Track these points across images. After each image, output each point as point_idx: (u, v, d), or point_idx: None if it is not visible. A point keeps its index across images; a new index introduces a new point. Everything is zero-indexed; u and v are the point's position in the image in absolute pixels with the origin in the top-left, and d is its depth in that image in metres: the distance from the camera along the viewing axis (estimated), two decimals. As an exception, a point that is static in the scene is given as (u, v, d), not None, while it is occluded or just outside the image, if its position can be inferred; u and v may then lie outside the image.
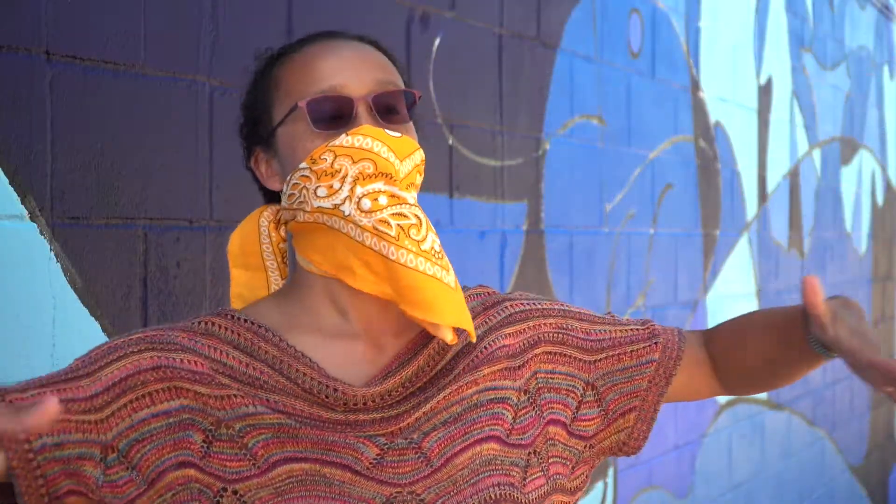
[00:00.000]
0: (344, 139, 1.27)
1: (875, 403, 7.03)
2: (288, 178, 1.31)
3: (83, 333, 1.81)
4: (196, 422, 1.26)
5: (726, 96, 4.62)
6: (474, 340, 1.34)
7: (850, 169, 6.47)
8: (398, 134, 1.29)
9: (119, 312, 1.87)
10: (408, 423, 1.30)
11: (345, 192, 1.27)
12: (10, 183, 1.70)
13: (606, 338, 1.45)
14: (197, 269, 2.01)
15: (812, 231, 5.71)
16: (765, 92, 5.09)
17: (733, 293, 4.69)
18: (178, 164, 1.99)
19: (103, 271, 1.84)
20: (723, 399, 4.54)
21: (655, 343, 1.45)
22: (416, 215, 1.27)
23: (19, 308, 1.71)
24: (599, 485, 3.54)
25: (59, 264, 1.77)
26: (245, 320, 1.32)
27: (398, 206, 1.27)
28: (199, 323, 1.32)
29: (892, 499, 7.43)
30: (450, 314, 1.28)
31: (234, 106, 2.10)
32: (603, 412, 1.42)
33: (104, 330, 1.84)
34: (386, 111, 1.32)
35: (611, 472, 3.62)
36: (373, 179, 1.27)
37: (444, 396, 1.32)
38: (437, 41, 2.77)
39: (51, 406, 1.04)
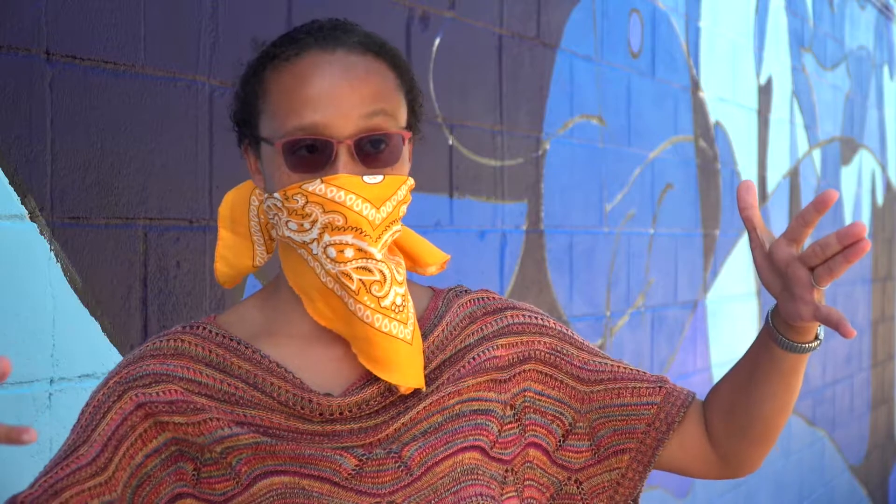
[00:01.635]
0: (318, 187, 1.24)
1: (875, 403, 7.03)
2: (266, 195, 1.30)
3: (83, 333, 1.81)
4: (184, 451, 1.27)
5: (726, 96, 4.62)
6: (423, 389, 1.31)
7: (850, 169, 6.47)
8: (379, 178, 1.26)
9: (119, 312, 1.87)
10: (387, 434, 1.29)
11: (314, 234, 1.25)
12: (10, 183, 1.70)
13: (606, 370, 1.40)
14: (197, 269, 2.01)
15: (812, 231, 5.70)
16: (765, 92, 5.09)
17: (733, 293, 4.69)
18: (178, 164, 1.99)
19: (103, 271, 1.84)
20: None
21: (660, 387, 1.39)
22: (380, 271, 1.25)
23: (19, 308, 1.71)
24: (599, 485, 3.54)
25: (59, 264, 1.77)
26: (217, 334, 1.31)
27: (363, 261, 1.25)
28: (169, 341, 1.31)
29: (892, 499, 7.43)
30: (398, 372, 1.27)
31: (234, 106, 2.10)
32: (594, 447, 1.39)
33: (104, 330, 1.84)
34: (370, 153, 1.27)
35: (611, 472, 3.62)
36: (341, 232, 1.24)
37: (425, 406, 1.31)
38: (437, 41, 2.77)
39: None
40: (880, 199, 7.15)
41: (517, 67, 3.12)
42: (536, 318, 1.41)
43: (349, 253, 1.24)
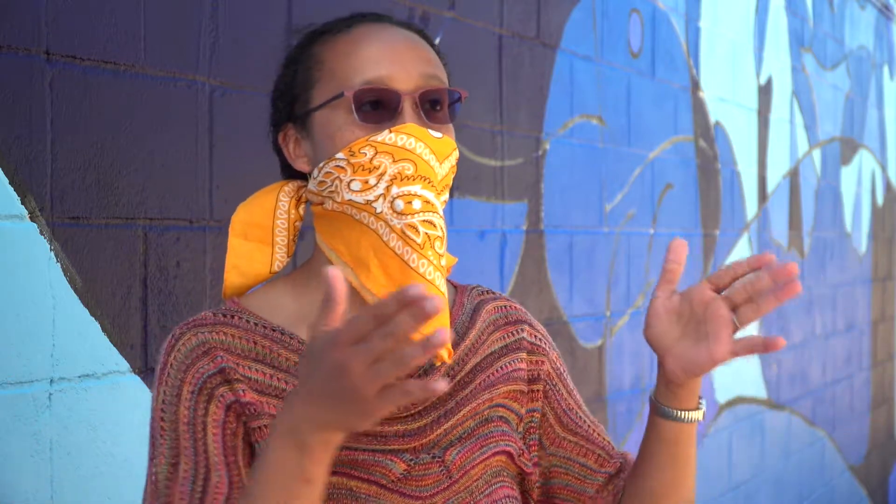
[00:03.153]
0: (387, 136, 1.24)
1: (875, 403, 7.03)
2: (321, 164, 1.27)
3: (83, 333, 1.81)
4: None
5: (726, 96, 4.62)
6: (448, 361, 1.28)
7: (850, 169, 6.47)
8: (440, 134, 1.26)
9: (119, 312, 1.87)
10: (430, 439, 1.29)
11: (379, 190, 1.23)
12: (10, 183, 1.70)
13: (584, 426, 1.42)
14: (197, 269, 2.01)
15: (812, 231, 5.71)
16: (765, 92, 5.09)
17: (733, 293, 4.68)
18: (178, 164, 1.99)
19: (103, 271, 1.84)
20: (723, 398, 4.54)
21: (620, 462, 1.42)
22: (441, 228, 1.25)
23: (19, 308, 1.71)
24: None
25: (58, 264, 1.77)
26: (257, 324, 1.28)
27: (430, 214, 1.24)
28: (213, 334, 1.26)
29: (892, 499, 7.43)
30: None
31: (235, 106, 2.10)
32: (544, 488, 1.41)
33: (104, 330, 1.84)
34: (430, 109, 1.28)
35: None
36: (411, 181, 1.23)
37: (464, 413, 1.32)
38: (437, 41, 2.77)
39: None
40: (880, 199, 7.15)
41: (517, 67, 3.12)
42: (546, 342, 1.43)
43: (417, 204, 1.23)
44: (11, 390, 1.69)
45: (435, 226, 1.24)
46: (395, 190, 1.23)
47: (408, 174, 1.23)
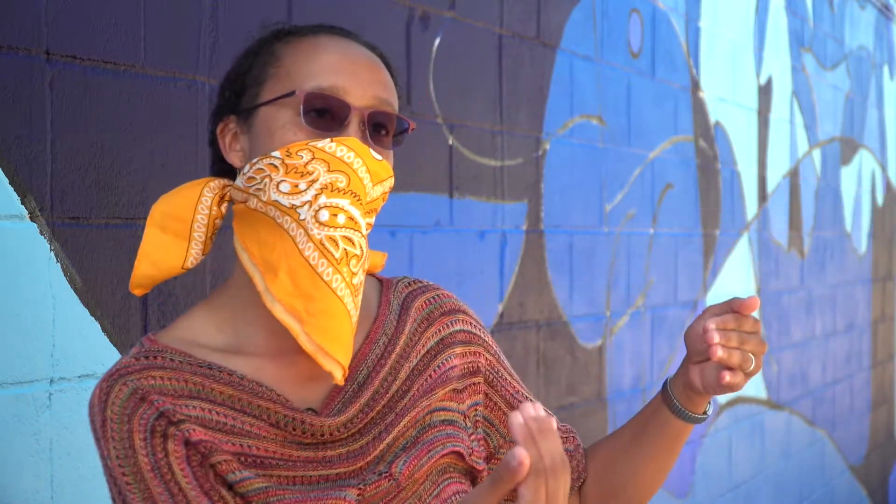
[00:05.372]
0: (328, 144, 1.22)
1: (875, 403, 7.03)
2: (254, 160, 1.24)
3: (83, 333, 1.81)
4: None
5: (726, 96, 4.62)
6: (341, 384, 1.24)
7: (850, 169, 6.47)
8: (380, 157, 1.25)
9: (119, 312, 1.87)
10: (374, 455, 1.28)
11: (307, 196, 1.21)
12: (10, 183, 1.70)
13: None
14: (197, 269, 2.01)
15: (812, 231, 5.71)
16: (765, 92, 5.09)
17: (733, 293, 4.69)
18: (178, 164, 1.99)
19: (103, 271, 1.84)
20: (723, 399, 4.54)
21: (573, 437, 1.44)
22: (362, 247, 1.22)
23: (19, 308, 1.71)
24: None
25: (58, 264, 1.77)
26: (183, 362, 1.24)
27: (351, 232, 1.22)
28: (141, 380, 1.22)
29: (892, 499, 7.43)
30: (343, 351, 1.22)
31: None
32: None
33: (104, 330, 1.84)
34: (375, 131, 1.27)
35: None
36: (340, 194, 1.21)
37: (405, 423, 1.30)
38: (437, 41, 2.77)
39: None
40: (880, 199, 7.15)
41: (517, 67, 3.12)
42: (480, 330, 1.42)
43: (341, 219, 1.21)
44: (11, 390, 1.69)
45: (354, 244, 1.22)
46: (322, 199, 1.21)
47: (339, 186, 1.21)
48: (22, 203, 1.72)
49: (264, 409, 1.25)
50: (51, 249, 1.76)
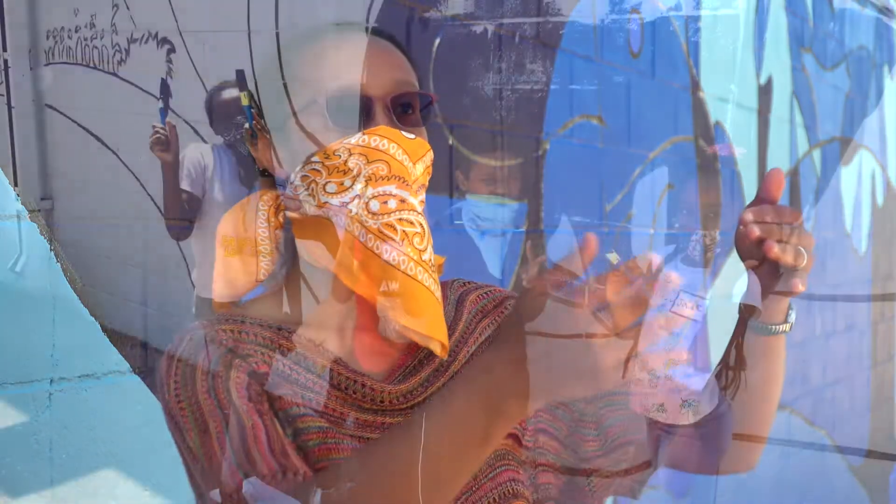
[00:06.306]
0: (360, 138, 1.25)
1: (875, 403, 7.02)
2: (298, 168, 1.27)
3: (83, 333, 1.81)
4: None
5: (726, 96, 4.62)
6: (445, 357, 1.28)
7: (850, 169, 6.46)
8: (413, 136, 1.27)
9: (119, 312, 1.87)
10: None
11: (355, 191, 1.24)
12: (10, 183, 1.69)
13: None
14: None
15: (812, 231, 5.70)
16: (765, 92, 5.08)
17: (733, 293, 4.68)
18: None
19: (103, 271, 1.84)
20: (723, 399, 4.54)
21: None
22: (420, 224, 1.25)
23: (19, 308, 1.71)
24: (599, 485, 3.53)
25: (58, 264, 1.77)
26: (253, 322, 1.29)
27: (406, 212, 1.24)
28: (213, 330, 1.27)
29: (892, 499, 7.43)
30: (438, 328, 1.26)
31: (235, 108, 2.10)
32: (602, 437, 1.45)
33: (104, 330, 1.84)
34: (402, 112, 1.29)
35: (611, 472, 3.62)
36: (385, 181, 1.24)
37: None
38: (437, 41, 2.76)
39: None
40: (880, 199, 7.14)
41: (517, 67, 3.12)
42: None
43: (392, 204, 1.23)
44: (11, 390, 1.69)
45: (413, 223, 1.24)
46: (370, 191, 1.24)
47: (382, 174, 1.24)
48: (22, 203, 1.71)
49: (327, 370, 1.27)
50: (51, 249, 1.76)
